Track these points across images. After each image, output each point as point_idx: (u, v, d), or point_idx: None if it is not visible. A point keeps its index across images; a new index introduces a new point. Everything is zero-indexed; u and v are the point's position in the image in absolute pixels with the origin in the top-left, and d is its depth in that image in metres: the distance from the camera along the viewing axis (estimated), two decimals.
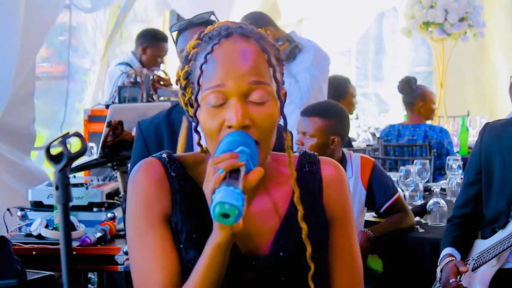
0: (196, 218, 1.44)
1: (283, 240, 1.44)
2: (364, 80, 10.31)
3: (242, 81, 1.37)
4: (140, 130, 2.52)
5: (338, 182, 1.53)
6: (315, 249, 1.44)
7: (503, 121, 2.73)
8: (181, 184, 1.46)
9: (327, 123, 3.05)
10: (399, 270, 3.08)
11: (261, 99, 1.38)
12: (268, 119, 1.38)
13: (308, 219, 1.45)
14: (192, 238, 1.42)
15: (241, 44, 1.40)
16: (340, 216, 1.53)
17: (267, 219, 1.46)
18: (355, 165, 3.10)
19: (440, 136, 5.05)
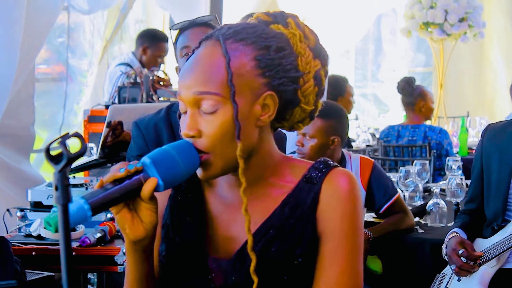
0: (178, 215, 1.46)
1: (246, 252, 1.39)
2: (363, 80, 10.32)
3: (189, 91, 1.35)
4: (139, 129, 2.51)
5: (341, 196, 1.41)
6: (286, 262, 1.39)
7: (503, 123, 2.77)
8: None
9: (327, 124, 3.04)
10: (398, 270, 3.08)
11: (210, 108, 1.34)
12: (217, 128, 1.34)
13: (283, 227, 1.40)
14: (167, 234, 1.46)
15: (204, 50, 1.37)
16: (333, 231, 1.41)
17: (241, 228, 1.41)
18: (354, 165, 3.10)
19: (439, 136, 5.05)
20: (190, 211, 1.46)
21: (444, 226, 3.24)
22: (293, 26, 1.43)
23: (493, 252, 2.52)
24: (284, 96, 1.39)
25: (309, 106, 1.44)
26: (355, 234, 1.43)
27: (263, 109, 1.38)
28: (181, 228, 1.45)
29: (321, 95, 1.47)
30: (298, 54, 1.41)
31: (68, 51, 5.57)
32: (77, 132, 1.14)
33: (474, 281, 2.56)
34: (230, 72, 1.34)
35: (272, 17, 1.44)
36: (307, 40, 1.44)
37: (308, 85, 1.41)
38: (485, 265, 2.54)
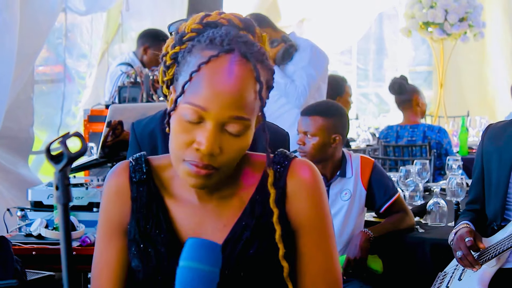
0: (145, 227, 1.45)
1: (227, 252, 1.40)
2: (365, 80, 10.31)
3: (224, 112, 1.31)
4: (134, 134, 2.52)
5: (307, 187, 1.43)
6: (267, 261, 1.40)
7: (504, 123, 2.78)
8: (139, 191, 1.47)
9: (328, 122, 3.04)
10: (399, 270, 3.08)
11: (238, 132, 1.34)
12: (238, 151, 1.36)
13: (258, 228, 1.40)
14: (139, 248, 1.44)
15: (237, 67, 1.33)
16: (305, 224, 1.43)
17: (219, 229, 1.43)
18: (355, 165, 3.10)
19: (439, 136, 5.05)
20: (156, 222, 1.45)
21: (444, 225, 3.24)
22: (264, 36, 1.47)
23: (493, 252, 2.52)
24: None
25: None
26: (325, 222, 1.46)
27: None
28: (152, 240, 1.44)
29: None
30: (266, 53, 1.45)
31: (66, 52, 5.56)
32: (78, 132, 1.14)
33: (474, 281, 2.56)
34: (262, 99, 1.36)
35: (243, 23, 1.44)
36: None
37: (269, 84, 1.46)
38: (485, 265, 2.54)
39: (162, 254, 1.43)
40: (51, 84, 5.42)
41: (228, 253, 1.39)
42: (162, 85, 1.48)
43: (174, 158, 1.38)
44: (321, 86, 4.39)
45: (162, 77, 1.47)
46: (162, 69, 1.46)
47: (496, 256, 2.51)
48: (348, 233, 3.04)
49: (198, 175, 1.35)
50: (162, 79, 1.47)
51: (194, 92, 1.33)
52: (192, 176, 1.35)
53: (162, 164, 1.50)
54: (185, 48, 1.40)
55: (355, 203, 3.06)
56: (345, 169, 3.08)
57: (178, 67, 1.40)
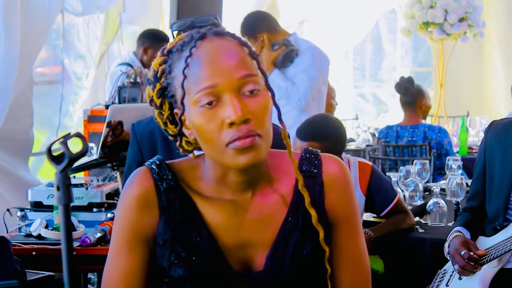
0: (184, 235, 1.41)
1: (279, 254, 1.39)
2: (362, 80, 10.32)
3: (233, 76, 1.33)
4: (135, 134, 2.52)
5: (342, 183, 1.46)
6: (314, 258, 1.41)
7: (508, 120, 2.74)
8: (170, 199, 1.43)
9: (324, 146, 2.97)
10: (400, 270, 3.08)
11: (253, 90, 1.34)
12: (263, 109, 1.34)
13: (306, 228, 1.41)
14: (181, 257, 1.40)
15: (220, 41, 1.36)
16: (343, 219, 1.47)
17: (263, 228, 1.41)
18: (353, 171, 3.07)
19: (439, 136, 5.04)
20: (196, 229, 1.41)
21: (444, 225, 3.24)
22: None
23: (495, 253, 2.51)
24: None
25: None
26: (357, 215, 1.51)
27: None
28: (194, 247, 1.40)
29: None
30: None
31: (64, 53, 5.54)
32: (79, 132, 1.14)
33: (475, 281, 2.55)
34: (257, 59, 1.38)
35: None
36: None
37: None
38: (486, 265, 2.54)
39: (208, 261, 1.40)
40: (49, 85, 5.41)
41: (280, 255, 1.39)
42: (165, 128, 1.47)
43: (218, 153, 1.35)
44: (321, 88, 4.37)
45: (161, 119, 1.45)
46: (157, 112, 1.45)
47: (498, 257, 2.50)
48: None
49: (245, 148, 1.32)
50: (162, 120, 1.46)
51: (196, 81, 1.34)
52: (240, 154, 1.32)
53: (184, 167, 1.47)
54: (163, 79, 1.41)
55: None
56: None
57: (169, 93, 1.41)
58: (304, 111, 4.09)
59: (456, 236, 2.61)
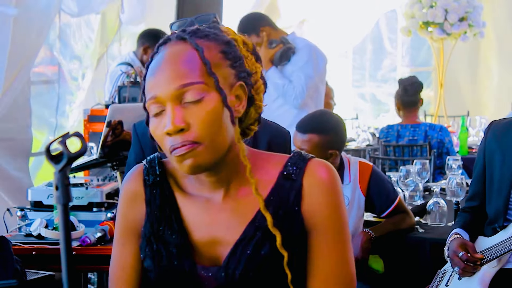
0: (159, 229, 1.46)
1: (238, 252, 1.40)
2: (361, 80, 10.31)
3: (170, 87, 1.34)
4: (136, 134, 2.52)
5: (324, 189, 1.42)
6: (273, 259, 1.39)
7: (507, 120, 2.73)
8: (153, 194, 1.48)
9: (324, 139, 2.99)
10: (400, 270, 3.08)
11: (196, 97, 1.34)
12: (207, 115, 1.34)
13: (281, 228, 1.39)
14: (152, 250, 1.46)
15: (172, 48, 1.38)
16: (321, 226, 1.42)
17: (233, 227, 1.42)
18: (353, 171, 3.08)
19: (440, 135, 5.05)
20: (168, 224, 1.46)
21: (444, 225, 3.24)
22: (232, 32, 1.46)
23: (494, 253, 2.51)
24: (248, 90, 1.42)
25: (261, 105, 1.47)
26: (342, 223, 1.44)
27: (236, 99, 1.40)
28: (165, 241, 1.45)
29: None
30: (244, 56, 1.43)
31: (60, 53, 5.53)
32: (78, 132, 1.14)
33: (474, 281, 2.55)
34: (207, 62, 1.35)
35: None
36: (246, 45, 1.46)
37: (258, 84, 1.45)
38: (486, 266, 2.53)
39: (173, 254, 1.43)
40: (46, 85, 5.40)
41: (240, 253, 1.39)
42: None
43: (169, 158, 1.40)
44: (319, 87, 4.38)
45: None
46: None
47: (497, 257, 2.50)
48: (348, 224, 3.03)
49: (182, 156, 1.35)
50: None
51: (147, 90, 1.39)
52: (180, 162, 1.36)
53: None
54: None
55: (353, 210, 3.06)
56: (343, 176, 3.07)
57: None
58: (301, 110, 4.10)
59: (455, 239, 2.61)
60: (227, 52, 1.39)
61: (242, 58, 1.41)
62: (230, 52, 1.40)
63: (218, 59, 1.38)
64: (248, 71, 1.42)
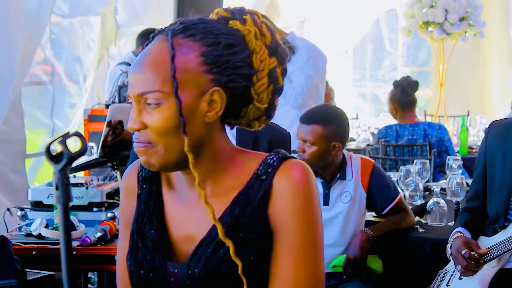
0: (141, 224, 1.48)
1: (200, 250, 1.40)
2: (362, 80, 10.31)
3: (133, 90, 1.37)
4: None
5: (292, 190, 1.38)
6: (244, 263, 1.37)
7: (508, 120, 2.72)
8: (143, 189, 1.50)
9: (328, 130, 3.00)
10: (399, 270, 3.08)
11: (154, 102, 1.35)
12: (161, 122, 1.35)
13: (233, 228, 1.38)
14: (133, 243, 1.48)
15: (153, 46, 1.38)
16: (283, 230, 1.38)
17: (204, 224, 1.41)
18: (355, 167, 3.08)
19: (439, 133, 5.05)
20: (149, 218, 1.48)
21: (444, 225, 3.24)
22: (249, 23, 1.40)
23: (495, 253, 2.51)
24: (235, 92, 1.38)
25: (263, 104, 1.42)
26: (310, 226, 1.39)
27: (210, 105, 1.37)
28: (144, 235, 1.47)
29: (278, 93, 1.46)
30: (253, 51, 1.39)
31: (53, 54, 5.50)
32: (78, 132, 1.14)
33: (474, 281, 2.55)
34: (173, 68, 1.34)
35: (230, 13, 1.42)
36: (263, 37, 1.41)
37: (261, 83, 1.40)
38: (486, 265, 2.53)
39: (148, 249, 1.45)
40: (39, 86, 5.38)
41: (201, 252, 1.39)
42: None
43: None
44: (319, 86, 4.38)
45: None
46: None
47: (497, 257, 2.50)
48: (348, 235, 3.03)
49: (138, 152, 1.39)
50: None
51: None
52: (139, 156, 1.40)
53: None
54: None
55: (355, 205, 3.06)
56: (345, 172, 3.07)
57: None
58: (301, 110, 4.09)
59: (458, 237, 2.60)
60: (208, 56, 1.36)
61: (230, 61, 1.36)
62: (212, 56, 1.36)
63: (193, 63, 1.35)
64: (246, 72, 1.38)
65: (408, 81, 5.12)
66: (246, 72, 1.38)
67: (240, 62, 1.37)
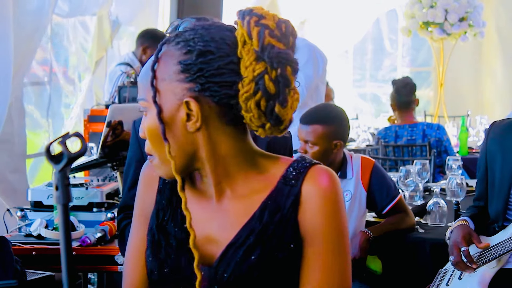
0: (163, 220, 1.47)
1: (229, 254, 1.39)
2: (362, 80, 10.32)
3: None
4: (135, 132, 2.52)
5: (322, 196, 1.38)
6: (269, 268, 1.37)
7: (508, 121, 2.73)
8: (165, 183, 1.50)
9: (328, 129, 3.01)
10: (398, 270, 3.08)
11: (143, 110, 1.40)
12: (147, 129, 1.40)
13: (263, 234, 1.38)
14: (153, 239, 1.47)
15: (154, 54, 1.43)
16: (316, 233, 1.38)
17: (227, 227, 1.41)
18: (355, 166, 3.09)
19: (438, 133, 5.06)
20: (173, 215, 1.47)
21: (444, 225, 3.24)
22: (239, 27, 1.35)
23: (494, 254, 2.51)
24: (217, 101, 1.34)
25: (249, 112, 1.34)
26: (339, 233, 1.40)
27: (188, 115, 1.35)
28: (166, 232, 1.45)
29: (274, 100, 1.34)
30: (240, 57, 1.34)
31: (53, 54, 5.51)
32: (78, 132, 1.14)
33: (474, 281, 2.55)
34: (152, 76, 1.36)
35: (238, 14, 1.38)
36: (251, 40, 1.33)
37: (244, 90, 1.32)
38: (485, 266, 2.53)
39: (172, 247, 1.43)
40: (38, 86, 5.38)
41: (230, 256, 1.39)
42: None
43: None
44: (319, 86, 4.37)
45: None
46: None
47: (497, 258, 2.50)
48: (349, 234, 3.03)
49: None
50: None
51: None
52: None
53: None
54: None
55: (355, 204, 3.06)
56: (346, 170, 3.07)
57: None
58: (301, 110, 4.08)
59: (461, 226, 2.59)
60: (182, 63, 1.34)
61: (203, 70, 1.33)
62: (187, 64, 1.34)
63: (170, 72, 1.35)
64: (225, 80, 1.33)
65: (404, 82, 5.13)
66: (224, 79, 1.33)
67: (216, 70, 1.33)
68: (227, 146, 1.40)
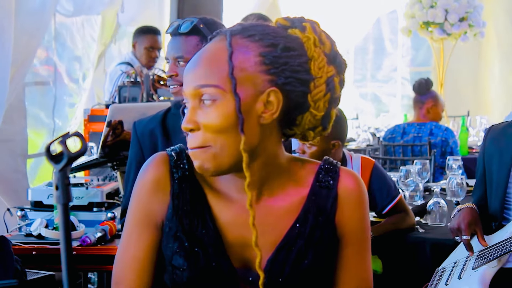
0: (190, 225, 1.42)
1: (280, 259, 1.40)
2: (363, 80, 10.32)
3: (190, 85, 1.36)
4: (135, 133, 2.52)
5: (356, 198, 1.45)
6: (315, 268, 1.41)
7: (505, 124, 2.78)
8: (182, 188, 1.44)
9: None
10: (399, 270, 3.08)
11: (210, 99, 1.33)
12: (217, 119, 1.33)
13: (311, 237, 1.41)
14: (183, 247, 1.41)
15: (211, 45, 1.38)
16: (353, 235, 1.46)
17: (268, 231, 1.41)
18: (355, 166, 3.09)
19: (445, 134, 5.08)
20: (202, 221, 1.42)
21: (444, 225, 3.24)
22: (308, 30, 1.40)
23: (494, 253, 2.51)
24: (292, 97, 1.36)
25: (319, 112, 1.39)
26: (368, 233, 1.51)
27: (266, 106, 1.35)
28: (198, 239, 1.41)
29: (335, 103, 1.42)
30: (311, 58, 1.37)
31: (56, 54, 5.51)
32: (78, 132, 1.14)
33: (474, 281, 2.55)
34: (231, 65, 1.33)
35: (290, 22, 1.42)
36: (323, 45, 1.40)
37: (318, 90, 1.37)
38: (486, 265, 2.54)
39: (210, 255, 1.40)
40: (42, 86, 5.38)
41: (282, 260, 1.39)
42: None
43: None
44: None
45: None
46: None
47: (498, 258, 2.50)
48: None
49: (193, 155, 1.37)
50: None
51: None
52: (193, 159, 1.38)
53: None
54: None
55: None
56: None
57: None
58: None
59: (471, 210, 2.65)
60: (266, 56, 1.35)
61: (287, 63, 1.35)
62: (271, 56, 1.35)
63: (251, 62, 1.34)
64: (304, 77, 1.36)
65: (418, 82, 5.24)
66: (303, 77, 1.36)
67: (298, 66, 1.36)
68: (274, 147, 1.41)
